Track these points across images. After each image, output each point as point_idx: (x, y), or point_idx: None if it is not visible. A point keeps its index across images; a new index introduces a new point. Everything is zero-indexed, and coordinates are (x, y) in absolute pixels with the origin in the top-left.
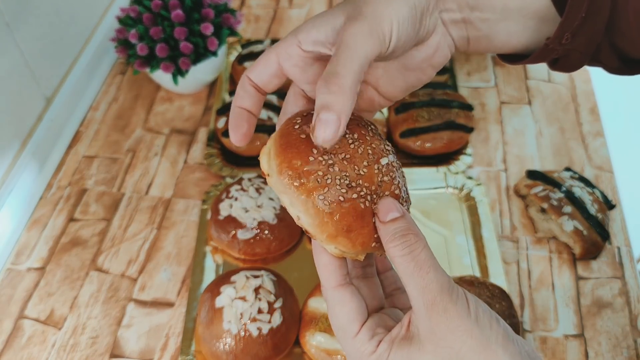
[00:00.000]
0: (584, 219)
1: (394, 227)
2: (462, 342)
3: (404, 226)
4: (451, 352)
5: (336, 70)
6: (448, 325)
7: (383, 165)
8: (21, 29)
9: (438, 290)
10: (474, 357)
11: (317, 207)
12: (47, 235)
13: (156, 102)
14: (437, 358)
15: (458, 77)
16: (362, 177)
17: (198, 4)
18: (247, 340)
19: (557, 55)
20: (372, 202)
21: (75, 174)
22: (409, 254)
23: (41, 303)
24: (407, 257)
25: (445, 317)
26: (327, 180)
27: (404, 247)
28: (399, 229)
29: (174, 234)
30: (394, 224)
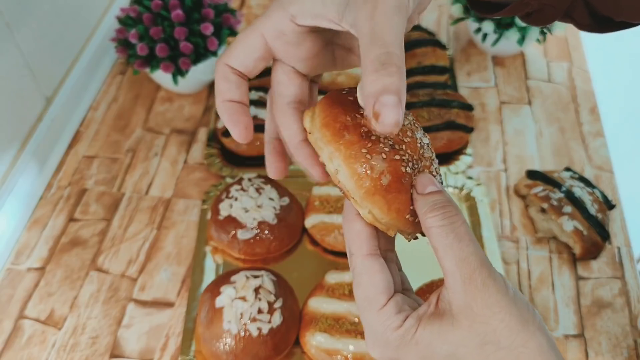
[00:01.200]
0: (584, 219)
1: (433, 199)
2: (499, 319)
3: (442, 199)
4: (487, 329)
5: (388, 50)
6: (486, 300)
7: (425, 143)
8: (21, 29)
9: (478, 263)
10: (511, 336)
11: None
12: (47, 235)
13: (156, 102)
14: (471, 334)
15: (458, 77)
16: (405, 143)
17: (198, 4)
18: (247, 340)
19: (531, 10)
20: (413, 170)
21: (75, 174)
22: (450, 224)
23: (41, 303)
24: (447, 228)
25: (484, 292)
26: (371, 137)
27: (444, 218)
28: (438, 201)
29: (174, 234)
30: (432, 196)
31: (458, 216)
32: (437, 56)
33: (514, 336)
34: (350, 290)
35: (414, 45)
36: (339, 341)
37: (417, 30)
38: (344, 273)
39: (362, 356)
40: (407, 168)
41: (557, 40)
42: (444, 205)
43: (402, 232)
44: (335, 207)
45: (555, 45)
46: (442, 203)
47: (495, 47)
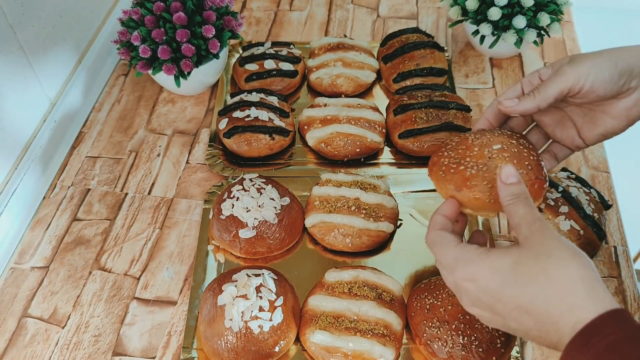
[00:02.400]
0: (581, 219)
1: (512, 189)
2: (555, 246)
3: (519, 189)
4: (542, 248)
5: (537, 88)
6: (545, 236)
7: (494, 149)
8: (25, 31)
9: (539, 219)
10: (563, 254)
11: (438, 176)
12: (50, 235)
13: (159, 104)
14: (530, 250)
15: (456, 79)
16: (470, 155)
17: (200, 6)
18: (249, 337)
19: None
20: (479, 169)
21: (79, 174)
22: (520, 201)
23: (44, 302)
24: (518, 204)
25: (542, 230)
26: (444, 161)
27: (518, 199)
28: (515, 191)
29: (176, 234)
30: (512, 187)
31: (528, 200)
32: (435, 58)
33: (566, 261)
34: (349, 288)
35: (412, 47)
36: (339, 339)
37: (415, 32)
38: (343, 271)
39: (362, 353)
40: (473, 170)
41: (554, 42)
42: (519, 195)
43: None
44: (335, 207)
45: (552, 48)
46: (518, 191)
47: (493, 49)
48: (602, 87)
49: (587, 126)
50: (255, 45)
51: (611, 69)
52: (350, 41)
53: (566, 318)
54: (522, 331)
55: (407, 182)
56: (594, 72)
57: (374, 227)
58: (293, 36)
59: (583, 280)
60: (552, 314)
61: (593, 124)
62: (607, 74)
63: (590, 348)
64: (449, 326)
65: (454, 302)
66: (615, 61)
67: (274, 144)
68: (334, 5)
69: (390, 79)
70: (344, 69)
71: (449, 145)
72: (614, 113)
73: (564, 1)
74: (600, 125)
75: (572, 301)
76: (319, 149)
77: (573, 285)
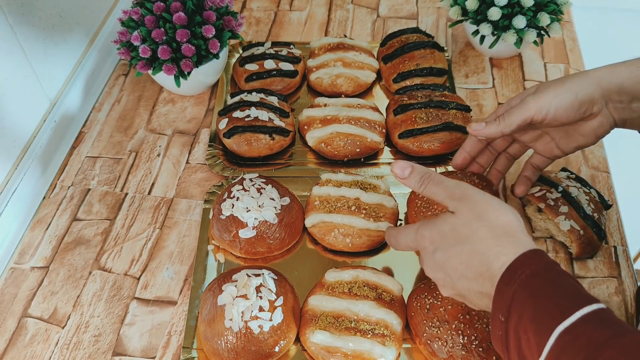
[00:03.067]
0: (581, 219)
1: (413, 178)
2: (480, 209)
3: (418, 175)
4: (471, 215)
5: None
6: (469, 201)
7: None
8: (25, 31)
9: (455, 186)
10: (489, 215)
11: (411, 214)
12: (50, 235)
13: (159, 104)
14: (462, 220)
15: (456, 79)
16: (439, 204)
17: (200, 6)
18: (249, 338)
19: None
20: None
21: (79, 174)
22: (428, 182)
23: (44, 302)
24: (428, 185)
25: (466, 198)
26: (418, 202)
27: (429, 184)
28: (417, 177)
29: (177, 234)
30: (412, 176)
31: (430, 175)
32: (435, 58)
33: (490, 212)
34: (349, 288)
35: (412, 47)
36: (339, 339)
37: (415, 32)
38: (343, 271)
39: (362, 353)
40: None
41: (554, 42)
42: (422, 178)
43: None
44: (335, 207)
45: (553, 47)
46: (419, 176)
47: (493, 49)
48: (565, 115)
49: (562, 140)
50: (255, 45)
51: (572, 99)
52: (350, 41)
53: (495, 264)
54: (466, 288)
55: None
56: (556, 102)
57: (374, 227)
58: (293, 36)
59: (506, 232)
60: (483, 263)
61: (567, 139)
62: (568, 103)
63: (515, 280)
64: (449, 326)
65: (454, 301)
66: (576, 91)
67: (274, 144)
68: (334, 5)
69: (390, 79)
70: (344, 69)
71: None
72: (583, 132)
73: (564, 1)
74: (574, 140)
75: (499, 250)
76: (319, 149)
77: (498, 239)
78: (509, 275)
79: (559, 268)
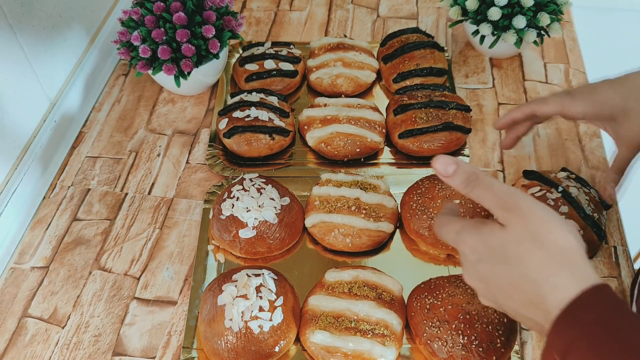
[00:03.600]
0: (581, 219)
1: (459, 177)
2: (536, 228)
3: (463, 174)
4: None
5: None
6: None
7: (455, 204)
8: (25, 31)
9: (507, 194)
10: (545, 235)
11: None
12: (50, 235)
13: (159, 104)
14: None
15: (456, 79)
16: (433, 207)
17: (200, 6)
18: (249, 338)
19: None
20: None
21: (79, 174)
22: (475, 184)
23: (44, 302)
24: (475, 188)
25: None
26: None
27: (475, 187)
28: (462, 177)
29: (177, 234)
30: (457, 175)
31: (478, 177)
32: (435, 58)
33: (547, 232)
34: (349, 288)
35: (412, 47)
36: (339, 339)
37: (415, 32)
38: (343, 271)
39: (362, 353)
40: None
41: (554, 42)
42: (467, 177)
43: None
44: (335, 207)
45: (552, 47)
46: (465, 176)
47: (493, 49)
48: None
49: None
50: (255, 45)
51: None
52: (350, 41)
53: (552, 299)
54: (512, 308)
55: (407, 182)
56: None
57: (374, 227)
58: (293, 36)
59: (566, 260)
60: (538, 294)
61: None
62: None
63: (577, 323)
64: (449, 326)
65: (454, 301)
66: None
67: (274, 144)
68: (334, 5)
69: (390, 79)
70: (344, 69)
71: (420, 189)
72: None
73: (564, 1)
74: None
75: (557, 282)
76: (319, 149)
77: (556, 267)
78: (568, 317)
79: (626, 309)
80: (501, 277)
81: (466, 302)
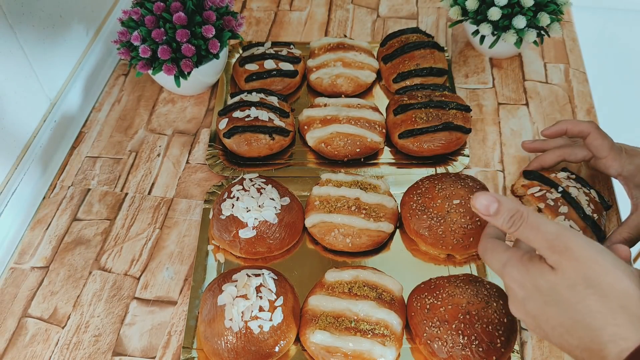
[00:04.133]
0: (580, 219)
1: (502, 216)
2: (590, 272)
3: (507, 212)
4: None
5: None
6: (575, 258)
7: (453, 204)
8: (25, 31)
9: (556, 235)
10: (600, 280)
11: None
12: (50, 235)
13: (159, 104)
14: (565, 282)
15: (456, 79)
16: (433, 207)
17: (200, 6)
18: (249, 338)
19: None
20: (440, 221)
21: (79, 174)
22: (521, 224)
23: (44, 302)
24: (522, 228)
25: (570, 253)
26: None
27: (521, 227)
28: (506, 216)
29: (177, 234)
30: (500, 214)
31: (522, 215)
32: (435, 58)
33: (602, 275)
34: (349, 288)
35: (412, 47)
36: (339, 339)
37: (415, 32)
38: (343, 271)
39: (362, 353)
40: (430, 221)
41: (554, 42)
42: (511, 216)
43: None
44: (335, 207)
45: (552, 47)
46: (509, 215)
47: (493, 49)
48: None
49: None
50: (255, 45)
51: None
52: (350, 41)
53: (612, 349)
54: (566, 348)
55: (407, 182)
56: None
57: (374, 227)
58: (293, 36)
59: (623, 306)
60: (595, 342)
61: None
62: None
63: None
64: (449, 326)
65: (454, 301)
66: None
67: (274, 144)
68: (334, 5)
69: (390, 79)
70: (344, 69)
71: (420, 189)
72: None
73: (564, 1)
74: None
75: (616, 331)
76: (319, 149)
77: (614, 314)
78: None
79: None
80: (553, 319)
81: (466, 302)
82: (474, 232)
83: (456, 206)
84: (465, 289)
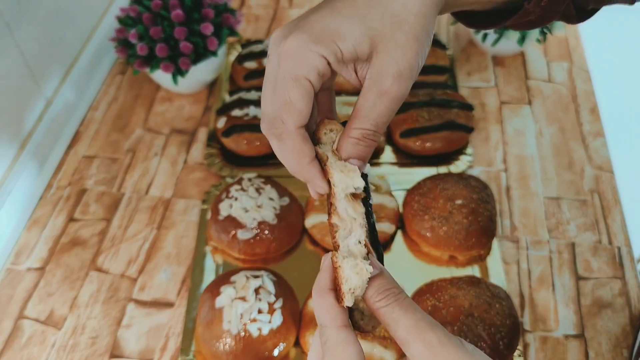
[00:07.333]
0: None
1: (376, 283)
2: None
3: (383, 282)
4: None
5: (376, 130)
6: (447, 358)
7: (456, 204)
8: (21, 29)
9: (428, 326)
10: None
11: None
12: (46, 235)
13: (156, 102)
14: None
15: (458, 77)
16: (435, 207)
17: (198, 3)
18: (247, 340)
19: (533, 17)
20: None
21: (75, 174)
22: (394, 302)
23: (41, 303)
24: (391, 306)
25: (442, 349)
26: (414, 205)
27: (389, 298)
28: (381, 285)
29: (174, 234)
30: (375, 280)
31: (400, 294)
32: (437, 56)
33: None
34: None
35: None
36: None
37: None
38: None
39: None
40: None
41: (557, 40)
42: (387, 289)
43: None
44: None
45: (556, 46)
46: (384, 286)
47: (496, 47)
48: None
49: None
50: (254, 43)
51: None
52: None
53: None
54: None
55: (408, 182)
56: None
57: None
58: None
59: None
60: None
61: None
62: None
63: None
64: (451, 328)
65: (456, 303)
66: None
67: None
68: None
69: None
70: None
71: (422, 189)
72: None
73: None
74: None
75: None
76: None
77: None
78: None
79: None
80: None
81: (468, 304)
82: (477, 232)
83: (459, 207)
84: (468, 290)
